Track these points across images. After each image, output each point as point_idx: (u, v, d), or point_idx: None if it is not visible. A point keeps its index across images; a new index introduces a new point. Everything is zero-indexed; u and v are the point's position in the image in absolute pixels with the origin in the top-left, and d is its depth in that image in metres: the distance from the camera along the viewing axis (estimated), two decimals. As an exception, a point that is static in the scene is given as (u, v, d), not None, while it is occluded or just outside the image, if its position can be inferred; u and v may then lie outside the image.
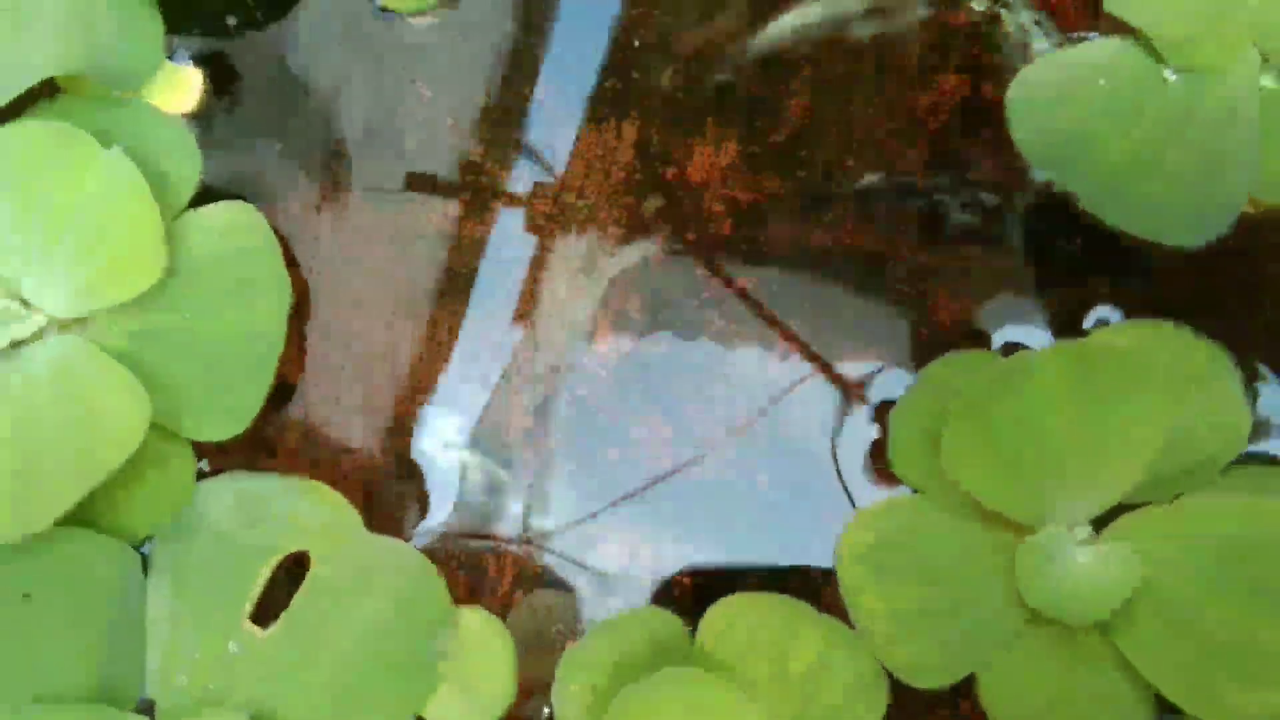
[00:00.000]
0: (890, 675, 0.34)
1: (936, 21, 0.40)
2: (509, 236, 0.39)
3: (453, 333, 0.38)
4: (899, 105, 0.39)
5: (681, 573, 0.37)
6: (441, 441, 0.38)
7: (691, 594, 0.37)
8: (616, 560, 0.37)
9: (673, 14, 0.40)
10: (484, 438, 0.38)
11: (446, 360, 0.38)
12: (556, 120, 0.39)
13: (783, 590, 0.36)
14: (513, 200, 0.39)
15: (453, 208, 0.39)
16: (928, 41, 0.40)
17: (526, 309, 0.38)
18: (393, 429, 0.38)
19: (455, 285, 0.39)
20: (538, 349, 0.38)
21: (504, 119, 0.40)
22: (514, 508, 0.37)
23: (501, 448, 0.38)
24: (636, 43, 0.40)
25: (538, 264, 0.39)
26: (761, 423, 0.38)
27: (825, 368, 0.38)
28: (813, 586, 0.36)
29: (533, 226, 0.39)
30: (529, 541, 0.37)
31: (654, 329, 0.38)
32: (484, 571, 0.37)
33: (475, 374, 0.38)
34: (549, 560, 0.37)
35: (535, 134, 0.39)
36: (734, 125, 0.39)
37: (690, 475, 0.37)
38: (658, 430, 0.38)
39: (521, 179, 0.39)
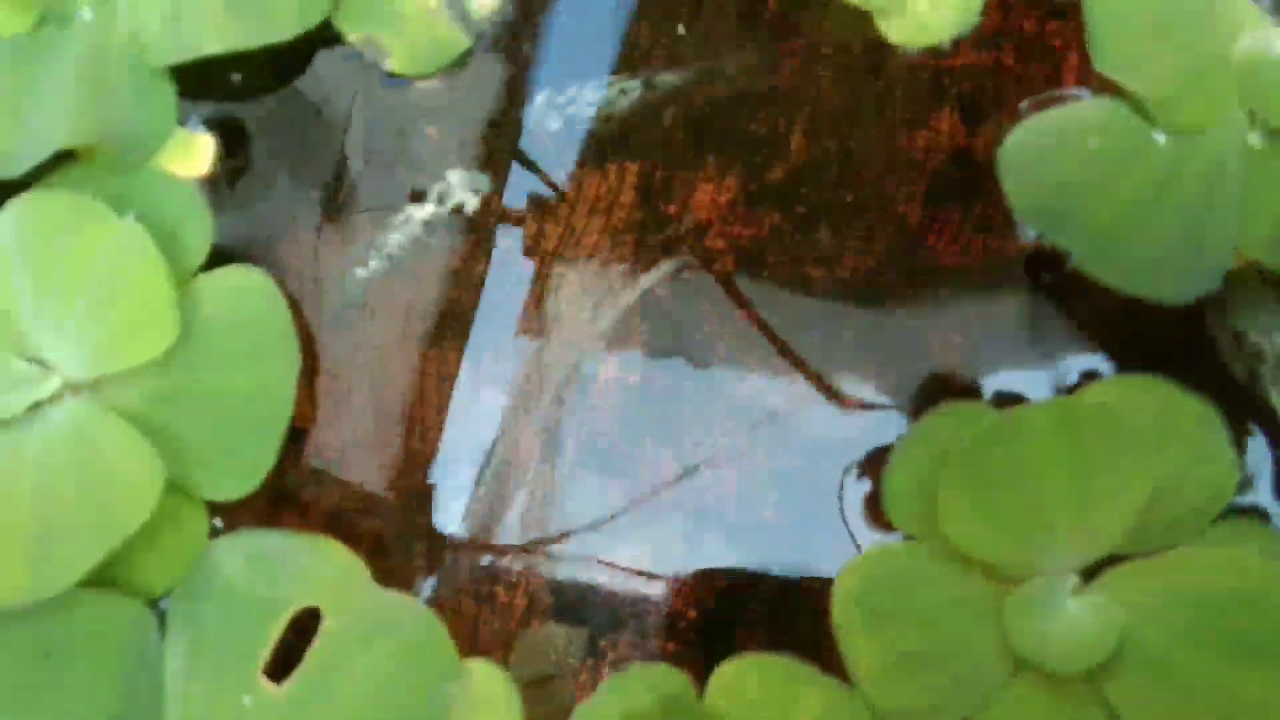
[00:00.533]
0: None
1: (931, 61, 0.40)
2: (515, 274, 0.40)
3: (461, 368, 0.39)
4: (896, 144, 0.40)
5: (687, 605, 0.38)
6: (451, 474, 0.39)
7: (695, 625, 0.37)
8: (625, 591, 0.38)
9: (673, 54, 0.41)
10: (493, 470, 0.38)
11: (455, 395, 0.39)
12: (561, 160, 0.40)
13: (787, 622, 0.37)
14: (518, 239, 0.40)
15: (459, 247, 0.40)
16: (924, 80, 0.40)
17: (533, 344, 0.39)
18: (403, 463, 0.39)
19: (463, 323, 0.40)
20: (544, 382, 0.39)
21: (509, 160, 0.40)
22: (523, 538, 0.38)
23: (510, 480, 0.38)
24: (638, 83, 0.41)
25: (543, 300, 0.39)
26: (766, 455, 0.38)
27: (827, 402, 0.39)
28: (817, 620, 0.37)
29: (538, 264, 0.40)
30: (539, 571, 0.38)
31: (658, 363, 0.39)
32: (495, 601, 0.38)
33: (483, 408, 0.39)
34: (559, 591, 0.38)
35: (540, 173, 0.40)
36: (734, 163, 0.40)
37: (695, 506, 0.38)
38: (664, 462, 0.38)
39: (527, 218, 0.40)
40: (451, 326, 0.40)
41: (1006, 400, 0.38)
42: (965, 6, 0.40)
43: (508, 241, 0.40)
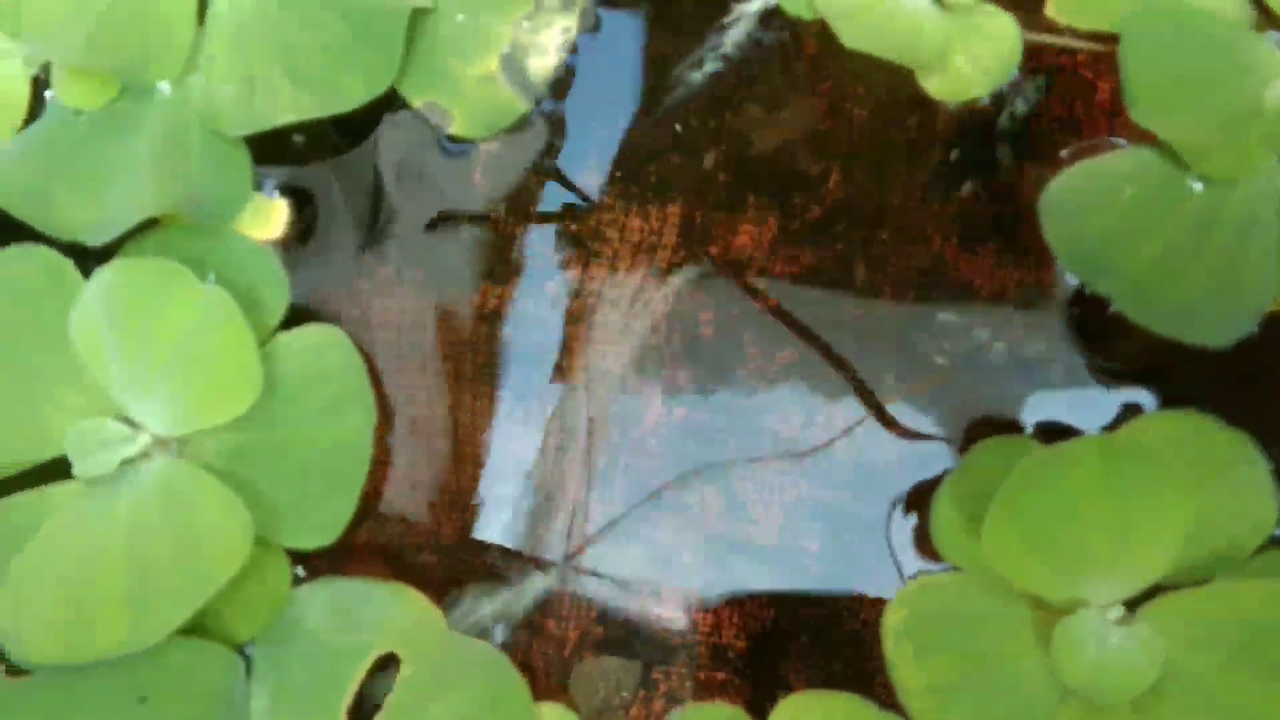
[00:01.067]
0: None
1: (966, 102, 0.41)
2: (562, 314, 0.41)
3: (509, 409, 0.40)
4: (930, 182, 0.41)
5: (736, 636, 0.39)
6: (501, 512, 0.40)
7: (744, 656, 0.38)
8: (672, 624, 0.39)
9: (711, 99, 0.42)
10: (541, 506, 0.40)
11: (503, 435, 0.40)
12: (604, 203, 0.42)
13: (835, 652, 0.38)
14: (565, 280, 0.41)
15: (508, 290, 0.41)
16: (958, 116, 0.41)
17: (580, 383, 0.40)
18: (455, 502, 0.40)
19: (512, 363, 0.41)
20: (592, 421, 0.40)
21: (553, 204, 0.42)
22: (572, 571, 0.39)
23: (558, 515, 0.39)
24: (679, 127, 0.42)
25: (590, 340, 0.41)
26: (810, 487, 0.39)
27: (870, 435, 0.40)
28: (864, 649, 0.38)
29: (584, 304, 0.41)
30: (589, 605, 0.39)
31: (702, 399, 0.40)
32: (547, 634, 0.39)
33: (532, 447, 0.40)
34: (609, 623, 0.39)
35: (584, 217, 0.42)
36: (773, 203, 0.41)
37: (742, 538, 0.39)
38: (709, 495, 0.39)
39: (573, 260, 0.41)
40: (500, 368, 0.41)
41: (1049, 433, 0.39)
42: (1004, 62, 0.41)
43: (554, 283, 0.41)
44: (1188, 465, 0.36)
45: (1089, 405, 0.39)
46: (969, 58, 0.41)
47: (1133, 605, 0.36)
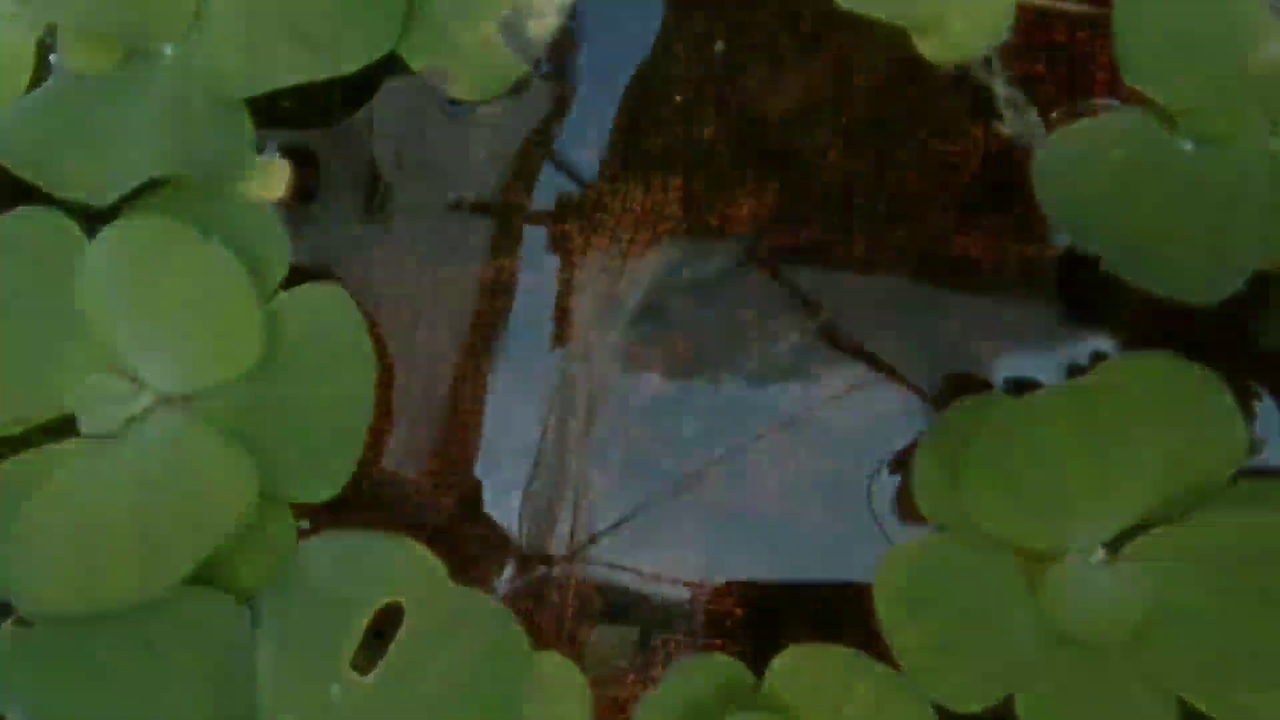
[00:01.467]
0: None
1: (965, 73, 0.41)
2: (563, 286, 0.41)
3: (510, 378, 0.41)
4: (930, 153, 0.41)
5: (733, 604, 0.39)
6: (501, 481, 0.40)
7: (742, 624, 0.39)
8: (671, 593, 0.39)
9: (711, 70, 0.42)
10: (540, 475, 0.40)
11: (504, 404, 0.41)
12: (606, 176, 0.42)
13: (831, 618, 0.38)
14: (566, 252, 0.41)
15: (508, 260, 0.41)
16: (956, 91, 0.41)
17: (580, 353, 0.41)
18: (456, 471, 0.40)
19: (513, 333, 0.41)
20: (591, 391, 0.40)
21: (555, 172, 0.42)
22: (572, 542, 0.40)
23: (557, 485, 0.40)
24: (679, 99, 0.42)
25: (591, 311, 0.41)
26: (808, 456, 0.40)
27: (867, 404, 0.40)
28: (861, 614, 0.38)
29: (585, 276, 0.41)
30: (588, 574, 0.39)
31: (701, 370, 0.40)
32: (546, 603, 0.39)
33: (532, 416, 0.40)
34: (608, 593, 0.39)
35: (587, 190, 0.42)
36: (773, 175, 0.41)
37: (739, 508, 0.39)
38: (707, 467, 0.40)
39: (574, 232, 0.42)
40: (501, 337, 0.41)
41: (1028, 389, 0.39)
42: (997, 24, 0.41)
43: (555, 254, 0.41)
44: (1157, 403, 0.37)
45: (1077, 368, 0.40)
46: (964, 17, 0.41)
47: (1116, 546, 0.36)
